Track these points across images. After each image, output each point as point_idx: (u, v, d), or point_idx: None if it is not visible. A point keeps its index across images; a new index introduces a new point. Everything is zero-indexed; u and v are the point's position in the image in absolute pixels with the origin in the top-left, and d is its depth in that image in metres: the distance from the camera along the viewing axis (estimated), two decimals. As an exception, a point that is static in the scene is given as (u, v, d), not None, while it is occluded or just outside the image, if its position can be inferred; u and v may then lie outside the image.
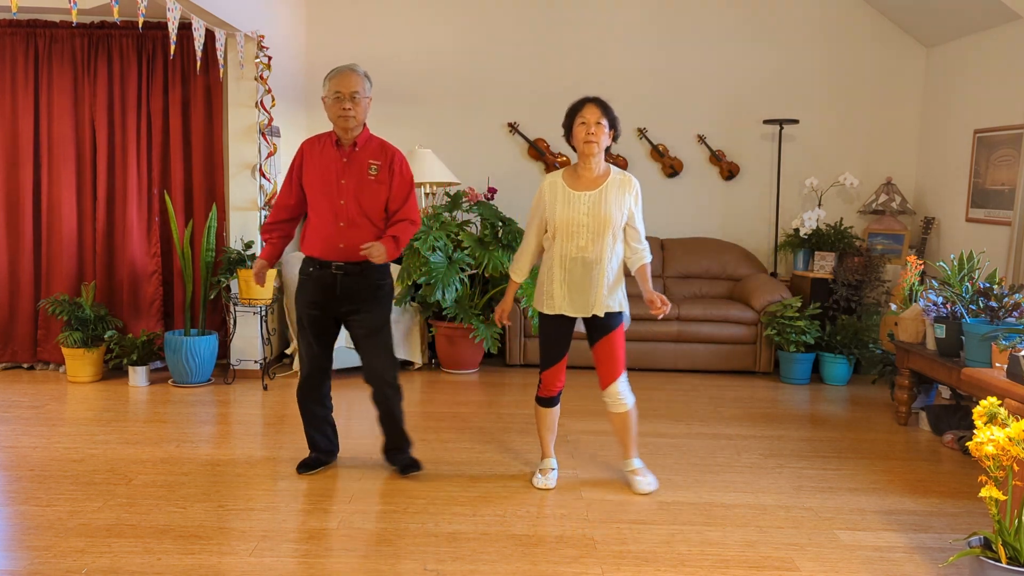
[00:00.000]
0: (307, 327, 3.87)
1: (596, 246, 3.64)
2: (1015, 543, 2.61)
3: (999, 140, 5.68)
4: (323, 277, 3.78)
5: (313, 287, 3.81)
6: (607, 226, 3.63)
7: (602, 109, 3.65)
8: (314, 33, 6.91)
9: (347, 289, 3.78)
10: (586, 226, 3.63)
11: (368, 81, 3.79)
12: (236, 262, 5.43)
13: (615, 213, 3.65)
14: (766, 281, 6.33)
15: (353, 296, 3.79)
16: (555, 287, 3.69)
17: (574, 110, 3.70)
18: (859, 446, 4.62)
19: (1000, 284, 4.43)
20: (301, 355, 3.96)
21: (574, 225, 3.64)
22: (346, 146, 3.77)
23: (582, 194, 3.66)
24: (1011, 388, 3.12)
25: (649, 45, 6.90)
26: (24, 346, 5.86)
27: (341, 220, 3.73)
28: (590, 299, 3.67)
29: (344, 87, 3.69)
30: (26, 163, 5.75)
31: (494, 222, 6.05)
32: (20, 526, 3.33)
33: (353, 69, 3.75)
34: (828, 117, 6.89)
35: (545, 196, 3.72)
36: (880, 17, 6.80)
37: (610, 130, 3.67)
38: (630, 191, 3.71)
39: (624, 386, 3.78)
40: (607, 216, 3.63)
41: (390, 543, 3.25)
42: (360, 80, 3.73)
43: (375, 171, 3.76)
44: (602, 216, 3.63)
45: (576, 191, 3.67)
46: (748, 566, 3.13)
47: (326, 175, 3.75)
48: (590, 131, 3.62)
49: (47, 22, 5.66)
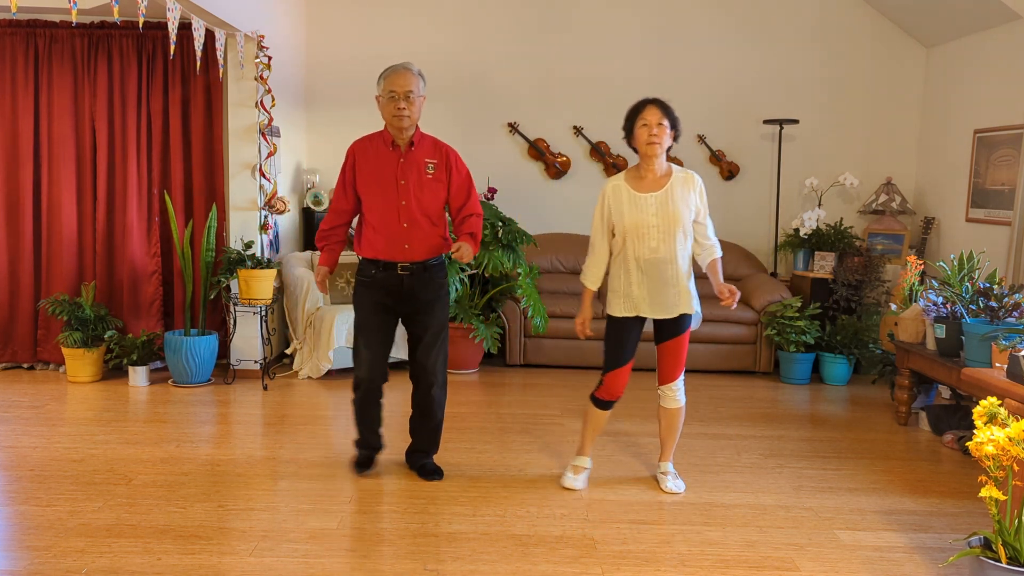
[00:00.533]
0: (369, 329, 3.83)
1: (667, 246, 3.64)
2: (1015, 543, 2.61)
3: (999, 140, 5.68)
4: (389, 279, 3.76)
5: (378, 289, 3.78)
6: (677, 225, 3.64)
7: (663, 110, 3.63)
8: (314, 33, 6.91)
9: (413, 290, 3.77)
10: (656, 227, 3.64)
11: (422, 80, 3.74)
12: (236, 262, 5.43)
13: (683, 211, 3.65)
14: (766, 281, 6.33)
15: (419, 296, 3.79)
16: (633, 289, 3.69)
17: (635, 112, 3.68)
18: (859, 446, 4.62)
19: (1000, 284, 4.43)
20: (358, 356, 3.87)
21: (644, 227, 3.64)
22: (402, 146, 3.75)
23: (648, 195, 3.66)
24: (1011, 388, 3.12)
25: (649, 45, 6.90)
26: (24, 346, 5.86)
27: (404, 221, 3.71)
28: (670, 299, 3.68)
29: (398, 86, 3.65)
30: (26, 163, 5.75)
31: (494, 222, 6.05)
32: (20, 526, 3.33)
33: (407, 67, 3.71)
34: (828, 117, 6.89)
35: (609, 200, 3.71)
36: (880, 17, 6.80)
37: (671, 130, 3.66)
38: (694, 188, 3.70)
39: (681, 384, 3.84)
40: (676, 215, 3.64)
41: (390, 543, 3.25)
42: (415, 79, 3.69)
43: (432, 169, 3.76)
44: (671, 215, 3.64)
45: (641, 193, 3.67)
46: (748, 566, 3.14)
47: (384, 177, 3.73)
48: (652, 132, 3.60)
49: (47, 22, 5.66)
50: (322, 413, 5.01)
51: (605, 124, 6.95)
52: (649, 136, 3.60)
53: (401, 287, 3.75)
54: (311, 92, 6.96)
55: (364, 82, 6.94)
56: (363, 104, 6.97)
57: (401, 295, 3.77)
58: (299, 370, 5.82)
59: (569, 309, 6.16)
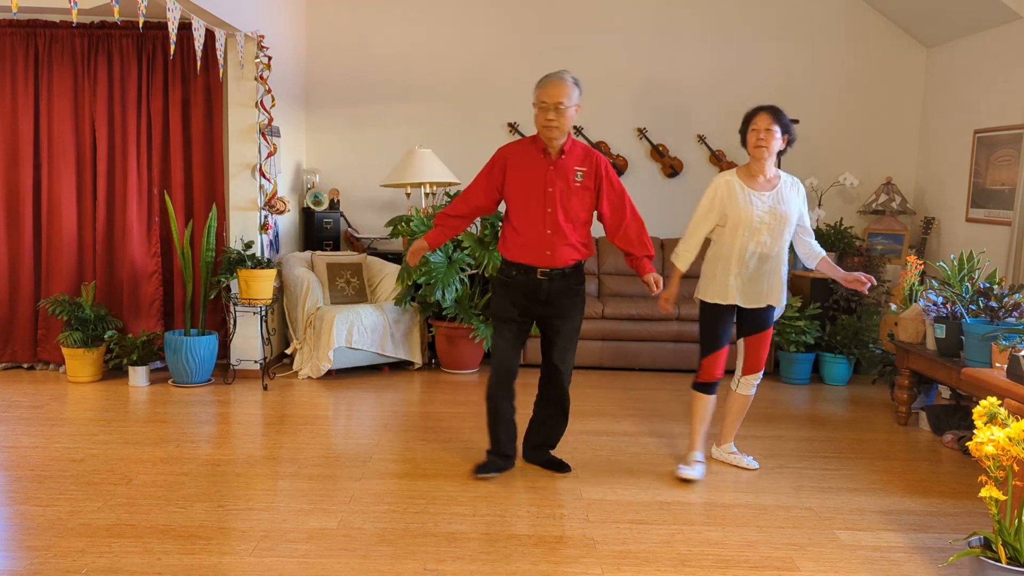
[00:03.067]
0: (504, 325, 3.89)
1: (776, 242, 3.94)
2: (1015, 543, 2.61)
3: (999, 140, 5.68)
4: (528, 282, 3.82)
5: (517, 291, 3.85)
6: (787, 224, 3.95)
7: (773, 117, 3.90)
8: (314, 33, 6.92)
9: (550, 294, 3.84)
10: (768, 224, 3.92)
11: (577, 88, 3.77)
12: (236, 262, 5.43)
13: (793, 212, 3.96)
14: (766, 281, 6.33)
15: (555, 301, 3.86)
16: (730, 279, 3.96)
17: (748, 118, 3.99)
18: (859, 446, 4.62)
19: (1000, 284, 4.43)
20: (495, 354, 3.93)
21: (757, 222, 3.92)
22: (553, 154, 3.80)
23: (763, 194, 3.95)
24: (1011, 388, 3.12)
25: (649, 45, 6.90)
26: (24, 346, 5.86)
27: (548, 228, 3.78)
28: (763, 290, 3.98)
29: (549, 97, 3.70)
30: (26, 163, 5.75)
31: (494, 222, 6.05)
32: (20, 526, 3.33)
33: (561, 77, 3.74)
34: (828, 117, 6.89)
35: (721, 192, 3.98)
36: (880, 17, 6.80)
37: (783, 135, 3.92)
38: (799, 192, 4.02)
39: (760, 377, 4.17)
40: (787, 215, 3.94)
41: (390, 543, 3.25)
42: (566, 90, 3.71)
43: (581, 178, 3.80)
44: (782, 215, 3.93)
45: (755, 191, 3.95)
46: (748, 566, 3.14)
47: (533, 183, 3.79)
48: (760, 137, 3.89)
49: (47, 22, 5.66)
50: (322, 413, 5.01)
51: (606, 124, 6.95)
52: (757, 141, 3.91)
53: (539, 291, 3.84)
54: (311, 92, 6.97)
55: (364, 82, 6.97)
56: (363, 104, 7.00)
57: (538, 299, 3.85)
58: (299, 370, 5.82)
59: (569, 309, 6.17)
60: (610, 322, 6.19)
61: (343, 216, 6.86)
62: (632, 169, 6.99)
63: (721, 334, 4.04)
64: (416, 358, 6.07)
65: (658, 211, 6.96)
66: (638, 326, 6.17)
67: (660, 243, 6.81)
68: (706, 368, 4.06)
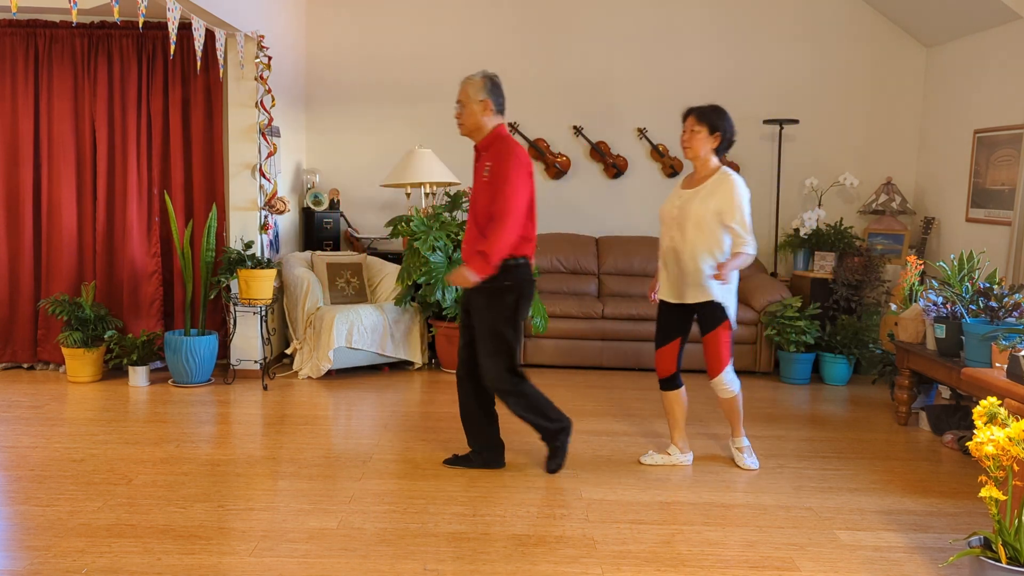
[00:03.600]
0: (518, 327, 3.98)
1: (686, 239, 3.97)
2: (1015, 543, 2.61)
3: (999, 140, 5.68)
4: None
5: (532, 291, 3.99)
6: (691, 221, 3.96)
7: (698, 117, 4.00)
8: (314, 33, 6.92)
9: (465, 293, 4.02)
10: (676, 220, 4.02)
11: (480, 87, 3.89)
12: (236, 262, 5.43)
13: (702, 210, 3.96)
14: (766, 281, 6.33)
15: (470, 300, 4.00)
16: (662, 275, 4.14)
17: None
18: (859, 446, 4.62)
19: (1000, 284, 4.43)
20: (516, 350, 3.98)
21: (669, 218, 4.06)
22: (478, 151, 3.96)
23: (685, 191, 4.05)
24: (1011, 388, 3.12)
25: (649, 45, 6.90)
26: (24, 346, 5.86)
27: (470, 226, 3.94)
28: (682, 287, 4.03)
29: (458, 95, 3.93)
30: (26, 163, 5.75)
31: (494, 222, 6.04)
32: (20, 526, 3.33)
33: (467, 78, 3.95)
34: (828, 117, 6.89)
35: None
36: (880, 17, 6.80)
37: (713, 133, 3.97)
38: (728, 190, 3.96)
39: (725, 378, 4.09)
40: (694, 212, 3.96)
41: (390, 543, 3.25)
42: (465, 86, 3.93)
43: (487, 173, 3.87)
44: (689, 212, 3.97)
45: (684, 188, 4.08)
46: (748, 566, 3.14)
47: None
48: (684, 138, 4.03)
49: (47, 22, 5.66)
50: (322, 413, 5.01)
51: (605, 124, 6.96)
52: (682, 141, 4.06)
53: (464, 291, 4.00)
54: (311, 92, 6.97)
55: (364, 82, 6.97)
56: (363, 104, 7.00)
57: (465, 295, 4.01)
58: (299, 370, 5.82)
59: (569, 309, 6.17)
60: (610, 322, 6.18)
61: (343, 216, 6.86)
62: (632, 169, 6.99)
63: (663, 330, 4.13)
64: (416, 358, 6.07)
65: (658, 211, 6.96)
66: (638, 326, 6.17)
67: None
68: (656, 364, 4.18)
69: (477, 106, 3.87)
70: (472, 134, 3.93)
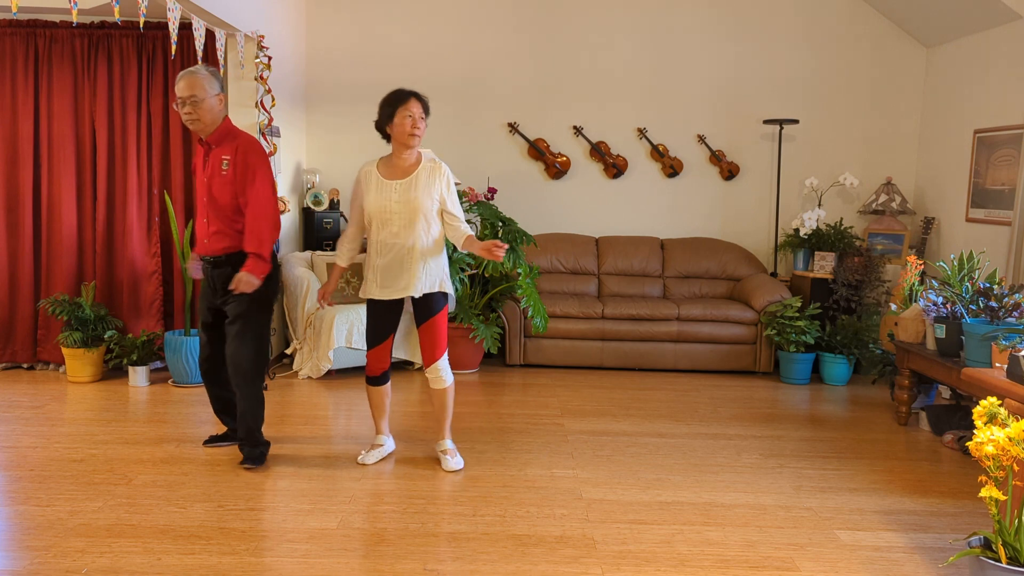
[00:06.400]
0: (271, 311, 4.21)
1: (409, 232, 3.85)
2: (1015, 543, 2.61)
3: (999, 140, 5.68)
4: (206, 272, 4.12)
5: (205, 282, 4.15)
6: (418, 212, 3.84)
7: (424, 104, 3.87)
8: (314, 33, 6.92)
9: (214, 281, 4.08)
10: (398, 214, 3.85)
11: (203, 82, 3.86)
12: (236, 262, 5.43)
13: (425, 200, 3.85)
14: (766, 281, 6.33)
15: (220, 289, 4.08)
16: (370, 273, 3.96)
17: (396, 101, 3.84)
18: (859, 446, 4.62)
19: (1000, 284, 4.43)
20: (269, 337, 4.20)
21: (388, 212, 3.86)
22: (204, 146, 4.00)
23: (397, 182, 3.87)
24: (1011, 388, 3.12)
25: (649, 45, 6.91)
26: (24, 346, 5.86)
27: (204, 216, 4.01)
28: (403, 282, 3.88)
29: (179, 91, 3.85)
30: (26, 163, 5.75)
31: (494, 222, 6.05)
32: (20, 526, 3.33)
33: (190, 72, 3.87)
34: (828, 117, 6.90)
35: (361, 184, 3.94)
36: (880, 17, 6.80)
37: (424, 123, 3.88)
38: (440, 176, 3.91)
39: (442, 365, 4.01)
40: (419, 202, 3.84)
41: (390, 543, 3.25)
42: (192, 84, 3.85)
43: (226, 167, 3.93)
44: (413, 203, 3.84)
45: (391, 180, 3.88)
46: (748, 566, 3.14)
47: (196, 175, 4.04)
48: (415, 123, 3.82)
49: (47, 22, 5.66)
50: (322, 413, 5.01)
51: (605, 124, 6.96)
52: (412, 127, 3.81)
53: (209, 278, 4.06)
54: (311, 92, 6.97)
55: (364, 82, 6.96)
56: (363, 104, 6.99)
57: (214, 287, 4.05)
58: (299, 370, 5.82)
59: (569, 309, 6.17)
60: (610, 322, 6.19)
61: (343, 216, 6.86)
62: (632, 169, 6.99)
63: (378, 329, 4.00)
64: (416, 358, 6.07)
65: (658, 211, 6.98)
66: (638, 326, 6.17)
67: (660, 243, 6.82)
68: (369, 362, 4.05)
69: (215, 100, 3.90)
70: (207, 128, 3.92)
